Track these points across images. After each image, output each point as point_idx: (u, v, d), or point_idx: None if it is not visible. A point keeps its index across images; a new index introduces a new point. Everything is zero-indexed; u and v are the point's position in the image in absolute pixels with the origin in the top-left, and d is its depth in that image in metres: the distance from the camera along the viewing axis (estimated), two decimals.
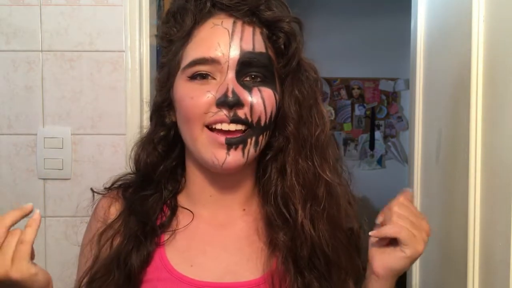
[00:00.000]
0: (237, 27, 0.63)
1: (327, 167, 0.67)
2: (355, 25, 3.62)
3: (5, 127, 1.14)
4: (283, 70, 0.67)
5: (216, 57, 0.62)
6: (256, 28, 0.64)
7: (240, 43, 0.62)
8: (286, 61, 0.66)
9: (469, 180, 0.84)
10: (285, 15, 0.66)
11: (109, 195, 0.73)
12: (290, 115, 0.66)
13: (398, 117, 3.82)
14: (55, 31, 1.13)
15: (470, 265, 0.84)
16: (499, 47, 0.78)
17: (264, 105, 0.63)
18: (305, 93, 0.67)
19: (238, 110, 0.61)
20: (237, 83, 0.62)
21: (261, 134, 0.64)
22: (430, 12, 1.21)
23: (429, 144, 1.18)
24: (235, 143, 0.62)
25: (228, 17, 0.64)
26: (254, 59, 0.63)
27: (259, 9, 0.64)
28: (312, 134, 0.67)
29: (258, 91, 0.63)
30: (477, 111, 0.83)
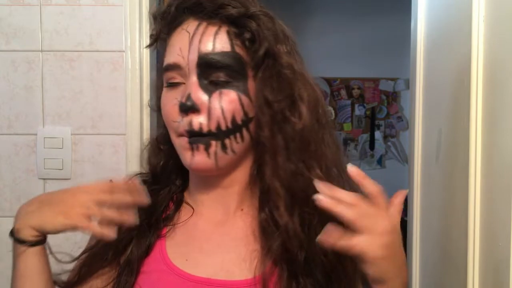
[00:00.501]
0: (200, 29, 0.63)
1: (315, 165, 0.64)
2: (355, 25, 3.62)
3: (5, 127, 1.14)
4: (255, 68, 0.65)
5: (178, 61, 0.63)
6: (222, 27, 0.63)
7: (198, 45, 0.62)
8: (255, 58, 0.64)
9: (469, 180, 0.84)
10: (248, 10, 0.64)
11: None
12: (260, 118, 0.63)
13: (398, 117, 3.82)
14: (55, 31, 1.13)
15: (470, 265, 0.84)
16: (499, 47, 0.78)
17: (222, 110, 0.62)
18: (277, 92, 0.63)
19: (194, 119, 0.62)
20: (198, 86, 0.62)
21: (226, 138, 0.63)
22: (430, 12, 1.21)
23: (429, 144, 1.18)
24: (194, 143, 0.63)
25: (195, 20, 0.64)
26: (213, 60, 0.62)
27: (222, 7, 0.63)
28: (290, 134, 0.64)
29: (218, 95, 0.62)
30: (477, 111, 0.83)
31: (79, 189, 0.63)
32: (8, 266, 1.14)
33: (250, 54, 0.64)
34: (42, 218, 0.61)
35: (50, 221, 0.60)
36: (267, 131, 0.63)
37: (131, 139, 1.14)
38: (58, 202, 0.62)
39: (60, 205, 0.61)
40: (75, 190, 0.63)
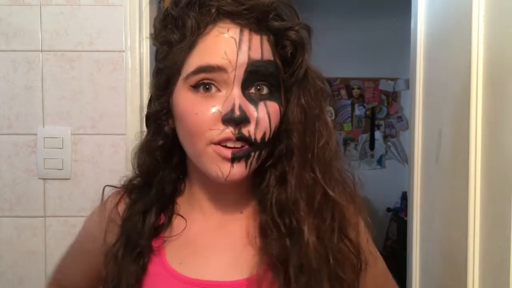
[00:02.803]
0: (245, 35, 0.60)
1: (332, 179, 0.66)
2: (355, 25, 3.62)
3: (5, 127, 1.14)
4: (290, 79, 0.65)
5: (223, 64, 0.59)
6: (263, 36, 0.62)
7: (248, 52, 0.60)
8: (293, 70, 0.64)
9: (469, 180, 0.84)
10: (294, 24, 0.64)
11: (119, 193, 0.76)
12: (295, 126, 0.64)
13: (398, 117, 3.82)
14: (55, 31, 1.13)
15: (470, 265, 0.84)
16: (499, 47, 0.78)
17: (270, 121, 0.61)
18: (311, 103, 0.65)
19: (243, 127, 0.60)
20: (243, 97, 0.60)
21: (264, 149, 0.63)
22: (430, 12, 1.21)
23: (429, 144, 1.18)
24: (239, 157, 0.61)
25: (235, 25, 0.61)
26: (262, 67, 0.61)
27: (267, 17, 0.62)
28: (316, 145, 0.65)
29: (264, 106, 0.61)
30: (477, 111, 0.83)
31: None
32: (8, 266, 1.15)
33: (286, 66, 0.65)
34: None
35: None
36: (298, 141, 0.64)
37: (131, 139, 1.13)
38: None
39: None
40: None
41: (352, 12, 3.60)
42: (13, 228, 1.15)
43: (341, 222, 0.66)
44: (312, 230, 0.63)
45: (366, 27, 3.59)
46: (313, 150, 0.65)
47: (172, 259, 0.68)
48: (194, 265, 0.67)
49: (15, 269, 1.15)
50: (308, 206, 0.64)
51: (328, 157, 0.66)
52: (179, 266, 0.67)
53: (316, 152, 0.65)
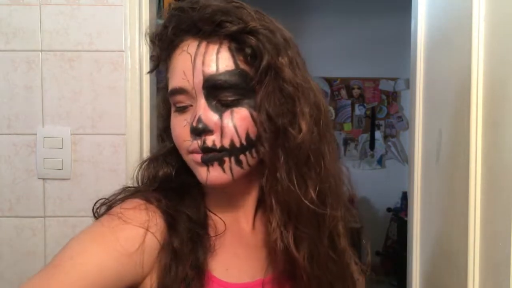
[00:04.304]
0: (200, 49, 0.61)
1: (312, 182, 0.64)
2: (355, 25, 3.62)
3: (4, 127, 1.14)
4: (256, 84, 0.62)
5: (183, 86, 0.62)
6: (223, 45, 0.61)
7: (202, 68, 0.61)
8: (258, 75, 0.62)
9: (469, 180, 0.84)
10: (247, 26, 0.61)
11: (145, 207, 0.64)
12: (262, 133, 0.62)
13: (398, 117, 3.82)
14: (55, 31, 1.13)
15: (470, 265, 0.84)
16: (499, 47, 0.78)
17: (236, 128, 0.61)
18: (279, 107, 0.61)
19: (207, 137, 0.61)
20: (208, 108, 0.61)
21: (241, 154, 0.62)
22: (430, 12, 1.21)
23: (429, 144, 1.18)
24: (209, 160, 0.62)
25: (194, 40, 0.62)
26: (219, 81, 0.60)
27: (221, 25, 0.61)
28: (289, 150, 0.62)
29: (229, 114, 0.61)
30: (477, 111, 0.83)
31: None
32: (8, 266, 1.15)
33: (254, 69, 0.62)
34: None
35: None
36: (267, 146, 0.62)
37: (131, 139, 1.14)
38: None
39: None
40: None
41: (352, 12, 3.61)
42: (13, 228, 1.15)
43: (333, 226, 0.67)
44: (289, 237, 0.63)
45: (366, 27, 3.60)
46: (288, 155, 0.62)
47: (214, 267, 0.66)
48: (238, 270, 0.67)
49: (15, 269, 1.15)
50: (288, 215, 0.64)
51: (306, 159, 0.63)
52: (224, 273, 0.66)
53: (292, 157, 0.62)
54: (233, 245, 0.69)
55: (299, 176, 0.63)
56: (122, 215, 0.61)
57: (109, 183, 1.14)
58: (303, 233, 0.64)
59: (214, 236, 0.66)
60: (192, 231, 0.64)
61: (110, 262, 0.58)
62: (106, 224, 0.61)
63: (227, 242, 0.68)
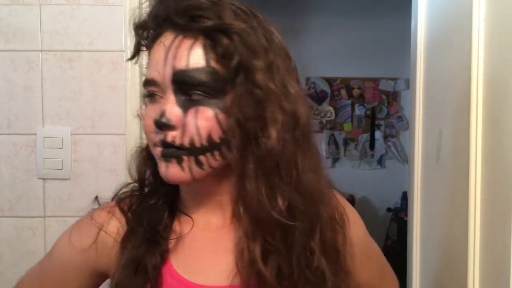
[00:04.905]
0: (175, 42, 0.60)
1: (281, 193, 0.61)
2: (355, 25, 3.62)
3: (4, 127, 1.14)
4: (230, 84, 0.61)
5: (155, 77, 0.61)
6: (198, 41, 0.60)
7: (173, 62, 0.60)
8: (229, 74, 0.60)
9: (470, 180, 0.84)
10: (223, 23, 0.59)
11: (109, 209, 0.73)
12: (230, 138, 0.60)
13: (398, 117, 3.82)
14: (55, 31, 1.13)
15: (470, 265, 0.84)
16: (499, 47, 0.78)
17: (197, 127, 0.59)
18: (248, 112, 0.59)
19: (168, 132, 0.60)
20: (174, 103, 0.60)
21: (201, 155, 0.60)
22: (430, 12, 1.20)
23: (429, 144, 1.18)
24: (167, 156, 0.61)
25: (172, 32, 0.61)
26: (187, 77, 0.59)
27: (196, 19, 0.59)
28: (258, 158, 0.60)
29: (194, 112, 0.59)
30: (477, 111, 0.83)
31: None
32: (8, 266, 1.15)
33: (226, 69, 0.60)
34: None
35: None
36: (235, 152, 0.60)
37: (131, 139, 1.14)
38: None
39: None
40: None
41: (352, 12, 3.60)
42: (13, 228, 1.15)
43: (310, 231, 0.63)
44: (255, 248, 0.61)
45: (366, 27, 3.59)
46: (253, 161, 0.60)
47: (178, 266, 0.67)
48: (201, 272, 0.66)
49: (15, 269, 1.15)
50: (253, 222, 0.62)
51: (272, 168, 0.61)
52: (188, 273, 0.66)
53: (255, 163, 0.60)
54: (202, 245, 0.68)
55: (267, 186, 0.60)
56: (92, 214, 0.74)
57: (109, 183, 1.14)
58: (271, 246, 0.61)
59: (175, 238, 0.67)
60: (148, 234, 0.66)
61: (71, 256, 0.72)
62: (79, 222, 0.76)
63: (196, 242, 0.68)
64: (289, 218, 0.61)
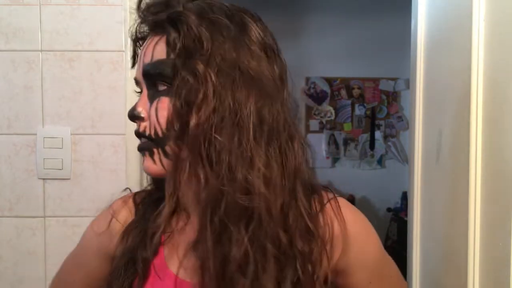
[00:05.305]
0: (148, 42, 0.67)
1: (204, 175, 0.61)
2: (355, 25, 3.62)
3: (4, 127, 1.14)
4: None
5: (137, 77, 0.69)
6: (163, 36, 0.64)
7: (143, 58, 0.66)
8: (176, 63, 0.62)
9: (470, 180, 0.84)
10: (170, 13, 0.62)
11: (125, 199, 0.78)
12: (168, 124, 0.63)
13: (398, 117, 3.82)
14: (54, 31, 1.13)
15: (470, 265, 0.84)
16: (499, 47, 0.78)
17: (156, 116, 0.63)
18: (182, 100, 0.60)
19: (141, 123, 0.66)
20: (145, 96, 0.66)
21: (166, 145, 0.62)
22: (430, 12, 1.20)
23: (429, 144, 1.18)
24: (142, 149, 0.66)
25: (152, 35, 0.67)
26: (150, 69, 0.64)
27: (152, 16, 0.66)
28: (187, 142, 0.61)
29: (155, 103, 0.64)
30: (477, 111, 0.83)
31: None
32: (8, 266, 1.15)
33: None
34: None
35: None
36: (173, 143, 0.61)
37: (131, 139, 1.13)
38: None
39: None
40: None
41: (352, 12, 3.60)
42: (13, 228, 1.15)
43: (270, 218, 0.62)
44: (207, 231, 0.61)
45: (366, 27, 3.59)
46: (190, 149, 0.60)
47: (168, 258, 0.69)
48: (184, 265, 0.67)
49: (15, 269, 1.15)
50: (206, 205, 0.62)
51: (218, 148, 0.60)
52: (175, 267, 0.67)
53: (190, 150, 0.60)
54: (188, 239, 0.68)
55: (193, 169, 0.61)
56: (112, 203, 0.77)
57: (109, 183, 1.14)
58: (220, 224, 0.61)
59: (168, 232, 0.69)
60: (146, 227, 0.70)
61: (91, 239, 0.77)
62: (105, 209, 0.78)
63: (185, 237, 0.69)
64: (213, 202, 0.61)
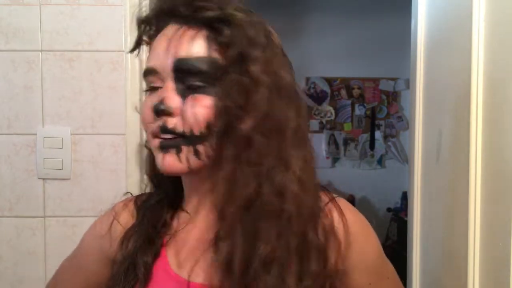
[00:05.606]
0: (178, 33, 0.62)
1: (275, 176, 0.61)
2: (355, 25, 3.62)
3: (4, 127, 1.14)
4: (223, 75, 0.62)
5: (155, 66, 0.63)
6: (200, 31, 0.62)
7: (174, 50, 0.61)
8: (228, 63, 0.61)
9: (470, 180, 0.84)
10: (224, 13, 0.61)
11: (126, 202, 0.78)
12: (212, 125, 0.61)
13: (398, 117, 3.82)
14: (55, 31, 1.13)
15: (470, 265, 0.84)
16: (499, 47, 0.78)
17: (195, 115, 0.60)
18: (232, 100, 0.60)
19: (168, 119, 0.61)
20: (173, 91, 0.61)
21: (199, 144, 0.61)
22: (430, 12, 1.21)
23: (429, 144, 1.18)
24: (166, 147, 0.62)
25: (176, 24, 0.63)
26: (189, 65, 0.61)
27: (199, 10, 0.62)
28: (236, 147, 0.61)
29: (191, 100, 0.61)
30: (477, 111, 0.83)
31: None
32: (8, 266, 1.15)
33: (225, 58, 0.61)
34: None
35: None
36: (211, 142, 0.61)
37: (131, 139, 1.14)
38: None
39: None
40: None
41: (352, 12, 3.60)
42: (13, 228, 1.15)
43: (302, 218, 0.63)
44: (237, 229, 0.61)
45: (366, 27, 3.59)
46: (234, 149, 0.61)
47: (173, 262, 0.68)
48: (190, 267, 0.67)
49: (14, 269, 1.15)
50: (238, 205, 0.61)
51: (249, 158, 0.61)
52: (180, 269, 0.67)
53: (235, 152, 0.61)
54: (194, 241, 0.69)
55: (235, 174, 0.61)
56: (114, 205, 0.78)
57: (109, 183, 1.14)
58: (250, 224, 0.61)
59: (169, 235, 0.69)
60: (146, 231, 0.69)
61: (92, 241, 0.78)
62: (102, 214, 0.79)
63: (189, 238, 0.69)
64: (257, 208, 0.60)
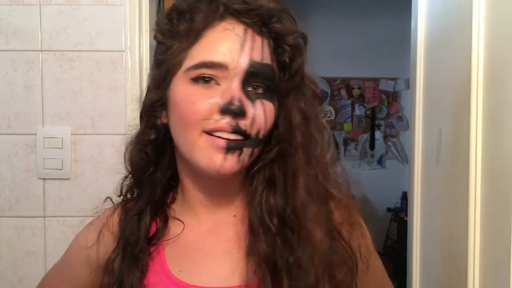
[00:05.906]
0: (248, 35, 0.62)
1: (329, 181, 0.67)
2: (355, 25, 3.62)
3: (4, 127, 1.14)
4: (285, 84, 0.66)
5: (225, 62, 0.61)
6: (264, 39, 0.64)
7: (250, 52, 0.61)
8: (289, 75, 0.66)
9: (470, 180, 0.84)
10: (293, 30, 0.66)
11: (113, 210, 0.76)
12: (297, 127, 0.66)
13: (398, 117, 3.82)
14: (54, 31, 1.13)
15: (470, 265, 0.84)
16: (499, 47, 0.78)
17: (265, 118, 0.63)
18: (308, 107, 0.67)
19: (240, 120, 0.60)
20: (242, 92, 0.61)
21: (257, 147, 0.64)
22: (430, 12, 1.21)
23: (429, 144, 1.18)
24: (233, 148, 0.61)
25: (239, 23, 0.63)
26: (261, 70, 0.62)
27: (270, 20, 0.64)
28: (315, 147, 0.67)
29: (260, 104, 0.62)
30: (477, 111, 0.83)
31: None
32: (8, 266, 1.15)
33: (281, 71, 0.66)
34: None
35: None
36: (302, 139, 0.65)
37: None
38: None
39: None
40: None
41: (352, 12, 3.60)
42: (12, 228, 1.15)
43: (337, 223, 0.67)
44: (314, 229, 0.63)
45: (366, 27, 3.59)
46: (314, 151, 0.66)
47: (172, 265, 0.68)
48: (194, 271, 0.67)
49: (14, 269, 1.15)
50: (314, 206, 0.65)
51: (325, 159, 0.67)
52: (179, 273, 0.67)
53: (316, 154, 0.66)
54: (196, 245, 0.69)
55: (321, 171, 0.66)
56: (100, 214, 0.76)
57: (109, 183, 1.13)
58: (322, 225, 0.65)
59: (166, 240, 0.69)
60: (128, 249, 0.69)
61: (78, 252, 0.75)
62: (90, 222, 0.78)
63: (190, 243, 0.69)
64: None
